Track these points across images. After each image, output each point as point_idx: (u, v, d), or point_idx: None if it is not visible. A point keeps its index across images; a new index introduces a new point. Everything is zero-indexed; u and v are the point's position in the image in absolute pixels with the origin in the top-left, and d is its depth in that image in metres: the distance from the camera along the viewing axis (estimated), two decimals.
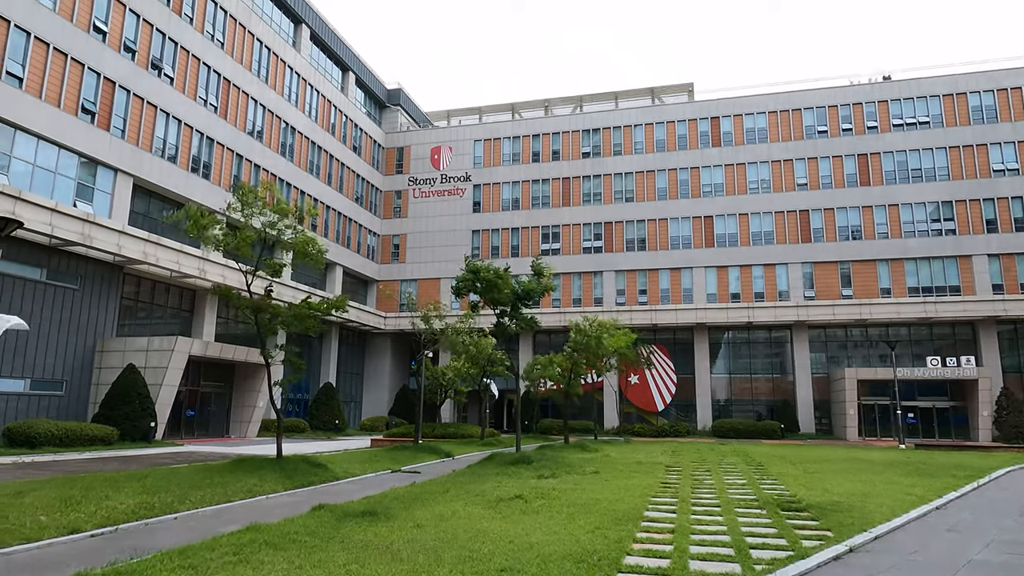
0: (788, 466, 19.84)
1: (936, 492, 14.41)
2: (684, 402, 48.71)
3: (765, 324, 47.60)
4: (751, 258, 48.50)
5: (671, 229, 50.35)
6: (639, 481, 15.89)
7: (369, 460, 21.22)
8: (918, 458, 24.32)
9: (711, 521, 10.87)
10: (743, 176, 49.80)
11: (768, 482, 16.11)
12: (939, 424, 43.96)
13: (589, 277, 51.16)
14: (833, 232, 47.60)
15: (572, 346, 29.19)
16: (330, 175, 48.71)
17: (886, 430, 44.11)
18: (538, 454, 21.12)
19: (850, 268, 47.04)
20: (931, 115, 47.44)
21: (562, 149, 53.42)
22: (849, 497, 13.31)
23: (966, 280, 45.00)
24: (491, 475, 16.76)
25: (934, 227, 46.18)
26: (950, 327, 45.72)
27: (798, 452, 27.41)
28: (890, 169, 47.39)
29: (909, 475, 17.56)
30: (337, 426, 41.69)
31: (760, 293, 48.08)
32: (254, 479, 14.83)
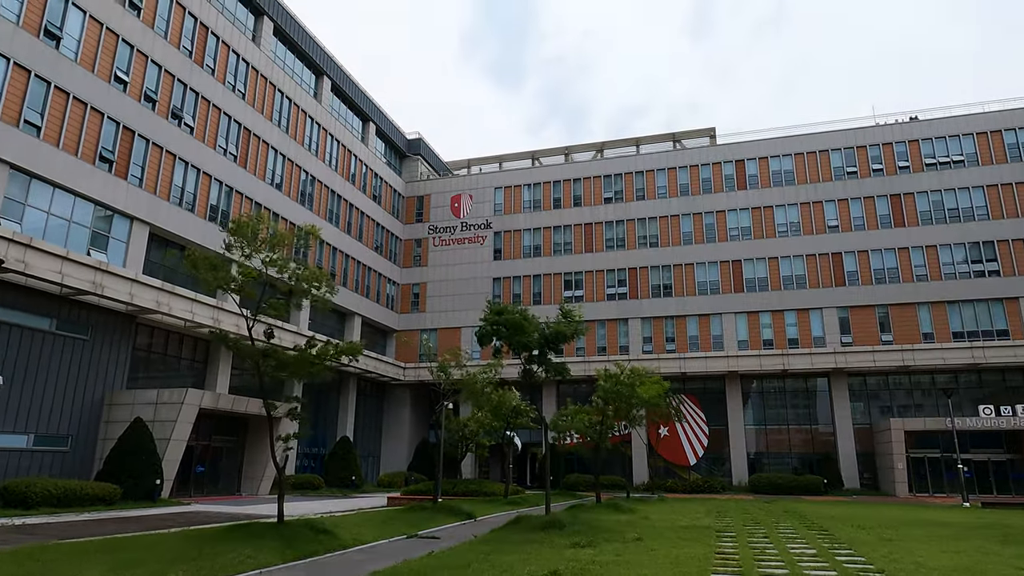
0: (856, 530, 17.30)
1: None
2: (716, 455, 45.75)
3: (801, 372, 44.91)
4: (783, 303, 46.19)
5: (698, 274, 48.36)
6: (691, 551, 13.59)
7: (383, 523, 19.07)
8: (995, 519, 21.51)
9: None
10: (771, 219, 47.97)
11: (843, 552, 13.70)
12: (996, 478, 40.47)
13: (614, 324, 49.08)
14: (868, 275, 45.28)
15: (602, 395, 27.03)
16: (349, 224, 47.77)
17: (938, 485, 40.72)
18: (570, 516, 18.82)
19: (888, 312, 44.50)
20: (965, 153, 45.55)
21: (583, 195, 52.17)
22: (951, 574, 10.94)
23: (1014, 323, 42.21)
24: (518, 543, 14.55)
25: (976, 268, 43.69)
26: (1000, 373, 42.69)
27: (855, 511, 24.62)
28: (925, 209, 45.29)
29: (1004, 543, 15.00)
30: (354, 482, 39.41)
31: (794, 339, 45.57)
32: (248, 549, 12.82)
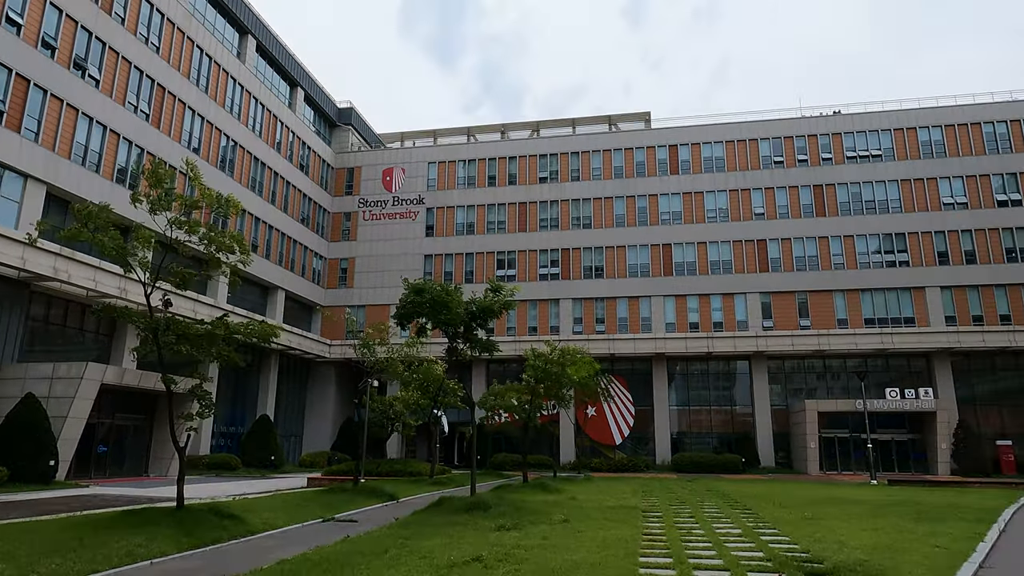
0: (778, 509, 17.46)
1: (961, 542, 12.20)
2: (641, 435, 46.43)
3: (724, 355, 45.96)
4: (710, 287, 47.05)
5: (629, 257, 48.63)
6: (618, 532, 13.21)
7: (299, 506, 17.97)
8: (904, 496, 22.36)
9: None
10: (701, 205, 48.63)
11: (767, 531, 13.65)
12: (898, 457, 42.72)
13: (546, 305, 48.84)
14: (790, 262, 46.63)
15: (532, 374, 26.54)
16: (274, 194, 45.40)
17: (846, 464, 42.64)
18: (495, 497, 18.24)
19: (807, 298, 46.03)
20: (883, 148, 47.36)
21: (519, 173, 51.45)
22: (873, 554, 10.93)
23: (920, 312, 44.43)
24: (441, 526, 13.82)
25: (888, 259, 45.66)
26: (906, 358, 44.94)
27: (773, 489, 25.18)
28: (845, 200, 46.91)
29: (915, 520, 15.38)
30: (273, 463, 37.76)
31: (719, 323, 46.55)
32: (139, 537, 11.58)
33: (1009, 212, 44.39)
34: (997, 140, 45.89)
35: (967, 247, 44.67)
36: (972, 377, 43.90)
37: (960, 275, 44.16)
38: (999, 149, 45.66)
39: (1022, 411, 42.92)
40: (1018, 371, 43.61)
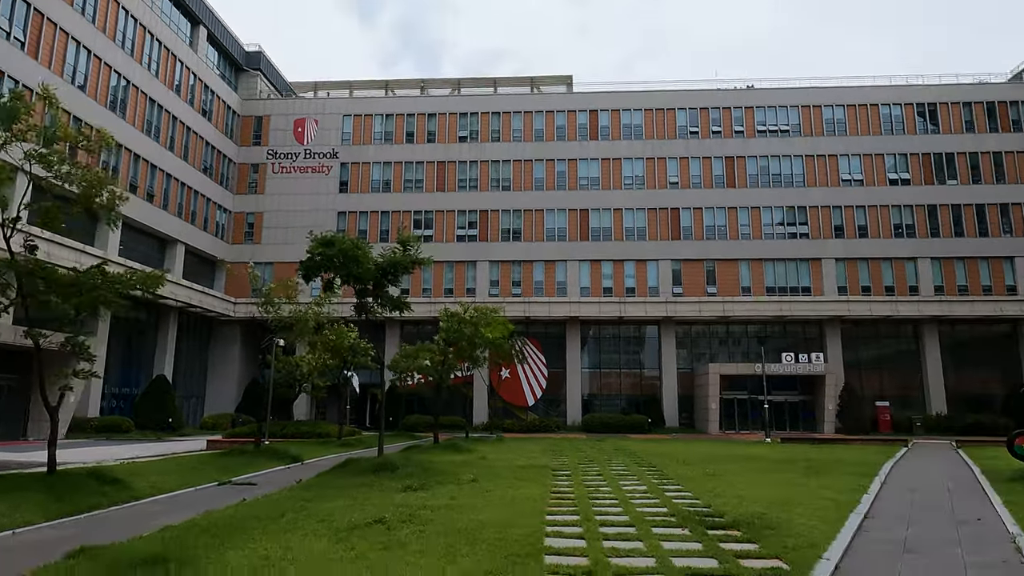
0: (681, 466, 18.01)
1: (847, 494, 12.88)
2: (553, 396, 47.18)
3: (635, 319, 47.12)
4: (624, 253, 47.84)
5: (547, 221, 48.63)
6: (527, 491, 13.14)
7: (194, 469, 16.95)
8: (796, 453, 23.69)
9: (632, 551, 8.26)
10: (619, 171, 49.09)
11: (671, 488, 13.96)
12: (790, 417, 45.46)
13: (462, 266, 48.29)
14: (701, 231, 48.02)
15: (445, 335, 26.10)
16: (172, 140, 42.16)
17: (743, 423, 44.98)
18: (404, 457, 17.85)
19: (715, 266, 47.65)
20: (791, 124, 49.16)
21: (438, 131, 50.10)
22: (770, 507, 11.32)
23: (816, 281, 46.95)
24: (345, 488, 13.31)
25: (790, 230, 47.82)
26: (801, 325, 47.54)
27: (677, 448, 26.10)
28: (754, 173, 48.56)
29: (807, 474, 16.21)
30: (171, 425, 35.80)
31: (631, 288, 47.54)
32: (3, 505, 10.44)
33: (899, 190, 47.31)
34: (892, 122, 48.58)
35: (860, 222, 47.39)
36: (858, 343, 47.05)
37: (853, 248, 46.87)
38: (893, 130, 48.37)
39: (900, 375, 46.53)
40: (898, 339, 47.10)
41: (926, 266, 46.05)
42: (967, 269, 45.98)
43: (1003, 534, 9.44)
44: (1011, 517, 10.45)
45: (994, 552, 8.42)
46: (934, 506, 12.01)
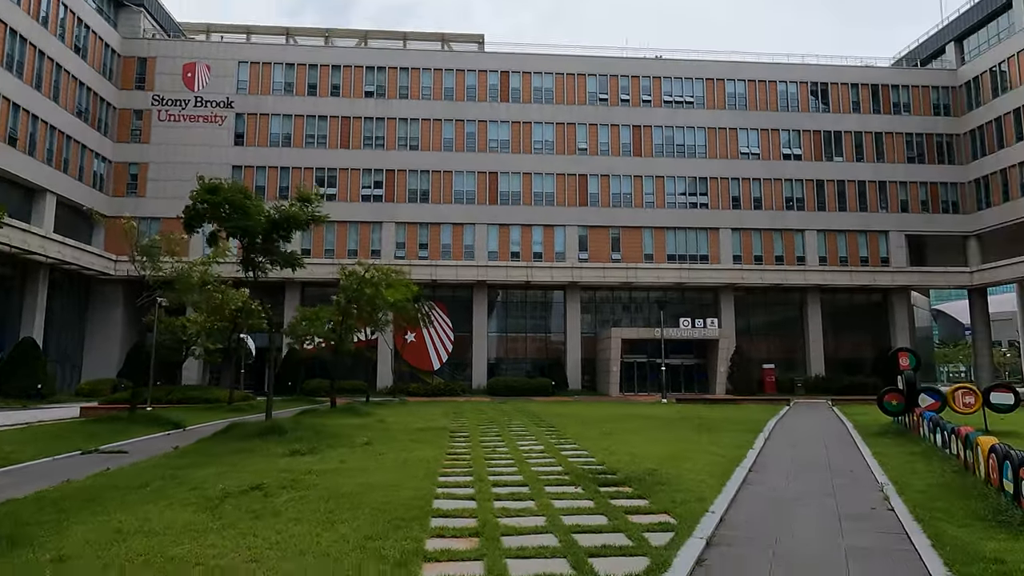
0: (580, 426, 18.17)
1: (734, 449, 13.32)
2: (460, 360, 46.96)
3: (542, 284, 47.40)
4: (532, 218, 47.77)
5: (456, 183, 47.70)
6: (422, 453, 12.74)
7: (57, 437, 15.41)
8: (689, 412, 24.58)
9: (523, 510, 8.03)
10: (529, 135, 48.67)
11: (568, 447, 13.96)
12: (685, 379, 47.46)
13: (367, 227, 46.70)
14: (608, 198, 48.61)
15: (345, 295, 25.03)
16: (39, 78, 37.84)
17: (642, 385, 46.53)
18: (295, 422, 17.00)
19: (620, 233, 48.47)
20: (695, 96, 50.27)
21: (343, 85, 47.71)
22: (661, 463, 11.46)
23: (713, 250, 48.78)
24: (225, 454, 12.41)
25: (691, 200, 49.27)
26: (698, 292, 49.42)
27: (579, 410, 26.52)
28: (659, 143, 49.45)
29: (698, 431, 16.72)
30: (40, 392, 32.80)
31: (539, 253, 47.67)
32: None
33: (791, 165, 49.62)
34: (788, 99, 50.66)
35: (756, 194, 49.46)
36: (749, 310, 49.53)
37: (747, 219, 48.93)
38: (788, 107, 50.48)
39: (785, 340, 49.49)
40: (785, 306, 49.93)
41: (812, 238, 48.80)
42: (848, 241, 49.11)
43: (872, 483, 9.94)
44: (879, 468, 11.06)
45: (863, 501, 8.80)
46: (812, 459, 12.59)
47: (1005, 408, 14.73)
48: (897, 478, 9.97)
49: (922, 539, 6.76)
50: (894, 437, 14.89)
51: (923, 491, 8.93)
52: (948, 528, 7.03)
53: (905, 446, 13.38)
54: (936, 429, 12.36)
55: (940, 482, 9.38)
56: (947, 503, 8.15)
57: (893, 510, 8.11)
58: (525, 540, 6.73)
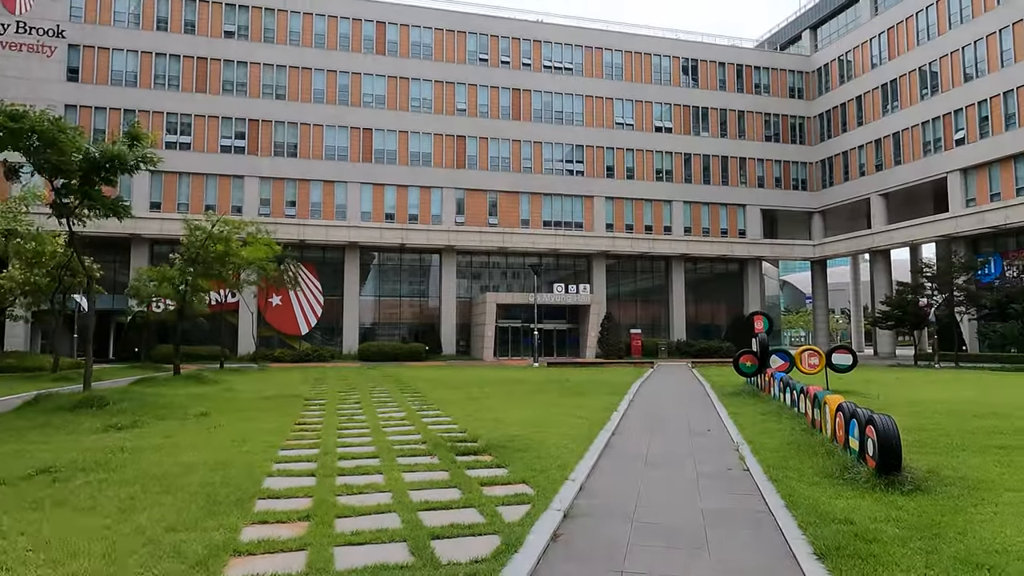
0: (447, 391, 17.45)
1: (599, 412, 13.16)
2: (330, 325, 44.86)
3: (418, 247, 46.06)
4: (408, 179, 46.06)
5: (327, 137, 44.87)
6: (267, 424, 11.47)
7: None
8: (557, 375, 24.65)
9: (367, 487, 7.15)
10: (406, 91, 46.60)
11: (431, 413, 13.19)
12: (558, 344, 48.32)
13: (227, 181, 42.95)
14: (486, 161, 47.81)
15: (190, 252, 22.52)
16: None
17: (516, 350, 46.83)
18: (124, 392, 14.97)
19: (498, 198, 47.98)
20: (575, 63, 50.25)
21: (199, 21, 43.05)
22: (525, 428, 10.98)
23: (587, 218, 49.56)
24: (24, 430, 10.49)
25: (568, 167, 49.58)
26: (572, 259, 50.18)
27: (449, 374, 25.85)
28: (539, 108, 49.12)
29: (565, 395, 16.55)
30: None
31: (415, 215, 46.20)
32: None
33: (663, 137, 51.15)
34: (661, 72, 51.94)
35: (629, 164, 50.62)
36: (619, 276, 51.05)
37: (620, 188, 50.07)
38: (662, 81, 51.80)
39: (651, 306, 51.59)
40: (653, 273, 51.91)
41: (679, 209, 50.83)
42: (711, 213, 51.63)
43: (728, 443, 9.98)
44: (735, 427, 11.21)
45: (721, 461, 8.73)
46: (672, 420, 12.66)
47: (844, 368, 15.74)
48: (752, 437, 10.08)
49: (776, 500, 6.63)
50: (748, 397, 15.46)
51: (776, 450, 9.01)
52: (800, 487, 6.97)
53: (758, 405, 13.84)
54: (786, 389, 12.83)
55: (791, 440, 9.54)
56: (798, 461, 8.20)
57: (749, 471, 8.04)
58: (363, 522, 5.87)
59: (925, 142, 44.51)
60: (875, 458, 6.91)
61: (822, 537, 5.33)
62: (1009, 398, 14.66)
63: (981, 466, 7.72)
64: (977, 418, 11.46)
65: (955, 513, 5.90)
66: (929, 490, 6.64)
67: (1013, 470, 7.53)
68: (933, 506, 6.11)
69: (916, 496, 6.44)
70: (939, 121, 43.50)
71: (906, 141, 45.85)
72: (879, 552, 4.97)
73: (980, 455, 8.32)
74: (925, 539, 5.26)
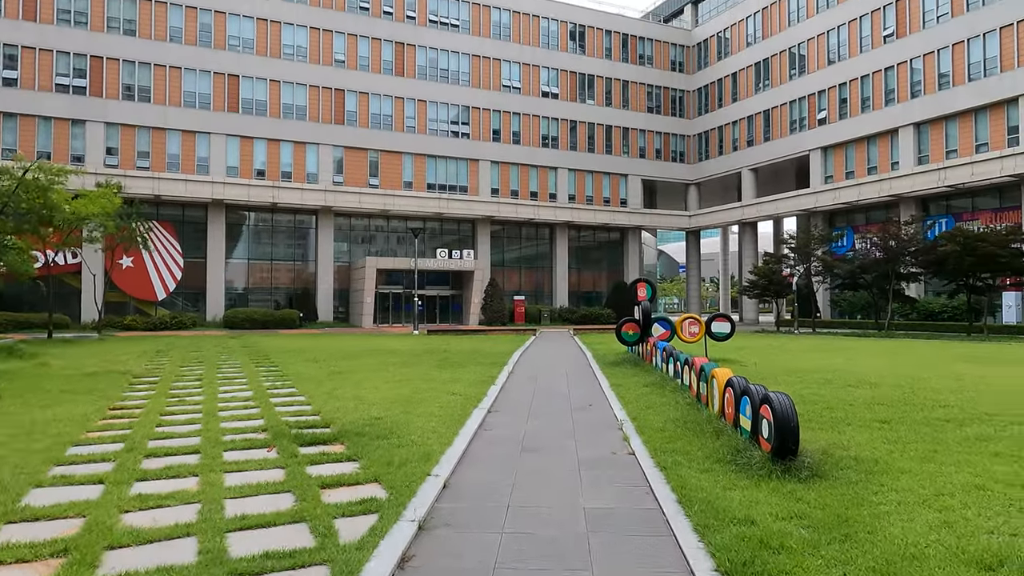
0: (309, 364, 15.64)
1: (475, 386, 12.05)
2: (193, 290, 40.89)
3: (291, 207, 42.73)
4: (281, 132, 42.41)
5: (186, 82, 40.19)
6: (71, 409, 9.33)
7: None
8: (438, 345, 23.34)
9: (168, 497, 5.54)
10: (277, 37, 42.56)
11: (283, 392, 11.49)
12: (441, 311, 46.97)
13: (65, 125, 37.47)
14: (366, 118, 44.96)
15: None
16: None
17: (397, 317, 45.02)
18: None
19: (379, 157, 45.42)
20: (461, 20, 48.07)
21: None
22: (391, 409, 9.63)
23: (473, 182, 48.15)
24: None
25: (454, 128, 47.74)
26: (457, 223, 48.70)
27: (319, 343, 23.81)
28: (423, 64, 46.68)
29: (441, 367, 15.30)
30: None
31: (288, 172, 42.75)
32: None
33: (549, 103, 50.39)
34: (549, 36, 50.91)
35: (515, 128, 49.53)
36: (503, 242, 50.26)
37: (506, 153, 48.96)
38: (549, 45, 50.82)
39: (535, 273, 51.34)
40: (537, 240, 51.55)
41: (564, 176, 50.57)
42: (594, 182, 51.83)
43: (611, 420, 9.17)
44: (618, 402, 10.46)
45: (604, 443, 7.85)
46: (553, 394, 11.78)
47: (723, 336, 15.60)
48: (636, 413, 9.32)
49: (667, 492, 5.75)
50: (630, 367, 14.95)
51: (661, 429, 8.25)
52: (691, 476, 6.15)
53: (640, 376, 13.29)
54: (669, 359, 12.29)
55: (676, 417, 8.85)
56: (686, 443, 7.44)
57: (634, 454, 7.19)
58: (143, 556, 4.32)
59: (792, 120, 46.72)
60: (770, 441, 6.20)
61: (724, 547, 4.44)
62: (874, 366, 15.09)
63: (870, 444, 7.30)
64: (851, 387, 11.44)
65: (859, 505, 5.24)
66: (826, 475, 6.02)
67: (901, 447, 7.15)
68: (835, 497, 5.44)
69: (815, 484, 5.77)
70: (804, 101, 45.72)
71: (775, 119, 47.93)
72: (791, 567, 4.13)
73: (866, 431, 7.96)
74: (836, 542, 4.51)
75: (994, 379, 12.72)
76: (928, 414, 9.01)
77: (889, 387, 11.31)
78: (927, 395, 10.64)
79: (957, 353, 18.79)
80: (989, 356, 18.05)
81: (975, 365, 15.21)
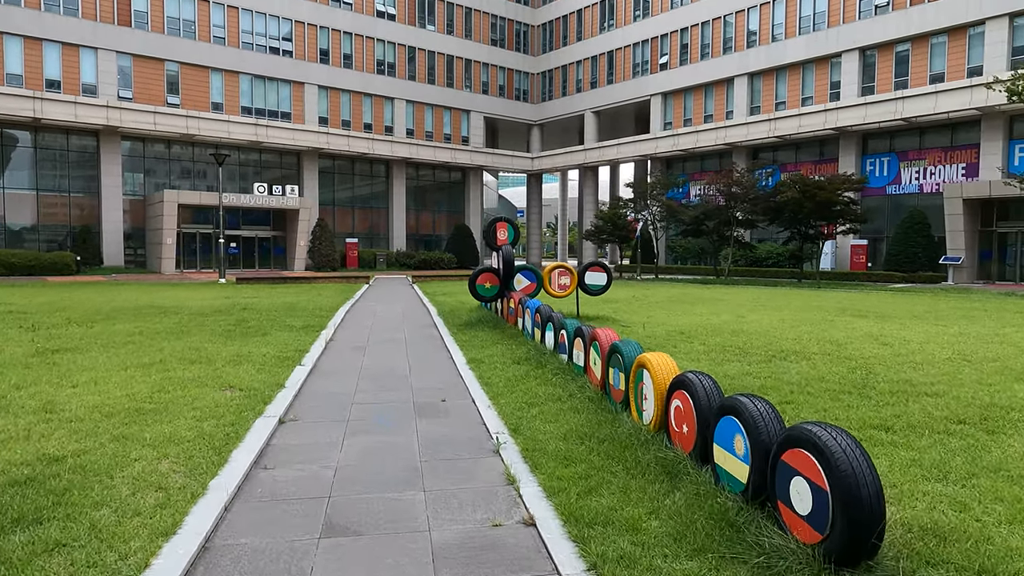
0: (19, 333, 10.34)
1: (273, 369, 8.00)
2: None
3: (61, 125, 33.68)
4: (45, 31, 32.92)
5: None
6: None
7: None
8: (241, 298, 18.32)
9: None
10: None
11: None
12: (260, 254, 40.69)
13: None
14: (161, 21, 36.41)
15: None
16: None
17: (206, 261, 38.23)
18: None
19: (179, 71, 37.29)
20: None
21: None
22: (96, 434, 5.37)
23: (297, 108, 41.59)
24: None
25: (272, 44, 40.51)
26: (278, 155, 42.03)
27: (78, 296, 17.65)
28: None
29: (229, 336, 10.78)
30: None
31: (55, 81, 33.52)
32: None
33: (385, 25, 44.53)
34: None
35: (346, 50, 43.26)
36: (334, 179, 44.46)
37: (336, 77, 42.73)
38: None
39: (369, 214, 46.26)
40: (372, 178, 46.26)
41: (402, 108, 45.47)
42: (434, 116, 47.29)
43: (480, 436, 5.71)
44: (483, 394, 6.99)
45: (475, 495, 4.39)
46: (388, 378, 8.09)
47: (598, 290, 12.74)
48: (517, 419, 5.92)
49: None
50: (489, 330, 11.56)
51: (566, 457, 4.91)
52: None
53: (505, 344, 9.94)
54: (548, 325, 8.96)
55: (581, 428, 5.57)
56: (620, 496, 4.17)
57: (534, 525, 3.81)
58: None
59: (635, 64, 45.30)
60: (821, 528, 3.06)
61: None
62: (766, 323, 12.73)
63: (911, 483, 4.47)
64: (781, 360, 8.88)
65: None
66: None
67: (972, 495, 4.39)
68: None
69: None
70: (647, 44, 44.35)
71: (619, 61, 46.27)
72: None
73: (883, 454, 5.15)
74: None
75: (922, 342, 10.92)
76: (930, 409, 6.15)
77: (822, 359, 8.73)
78: (886, 372, 7.72)
79: (828, 304, 17.17)
80: (863, 307, 16.24)
81: (870, 321, 12.99)
